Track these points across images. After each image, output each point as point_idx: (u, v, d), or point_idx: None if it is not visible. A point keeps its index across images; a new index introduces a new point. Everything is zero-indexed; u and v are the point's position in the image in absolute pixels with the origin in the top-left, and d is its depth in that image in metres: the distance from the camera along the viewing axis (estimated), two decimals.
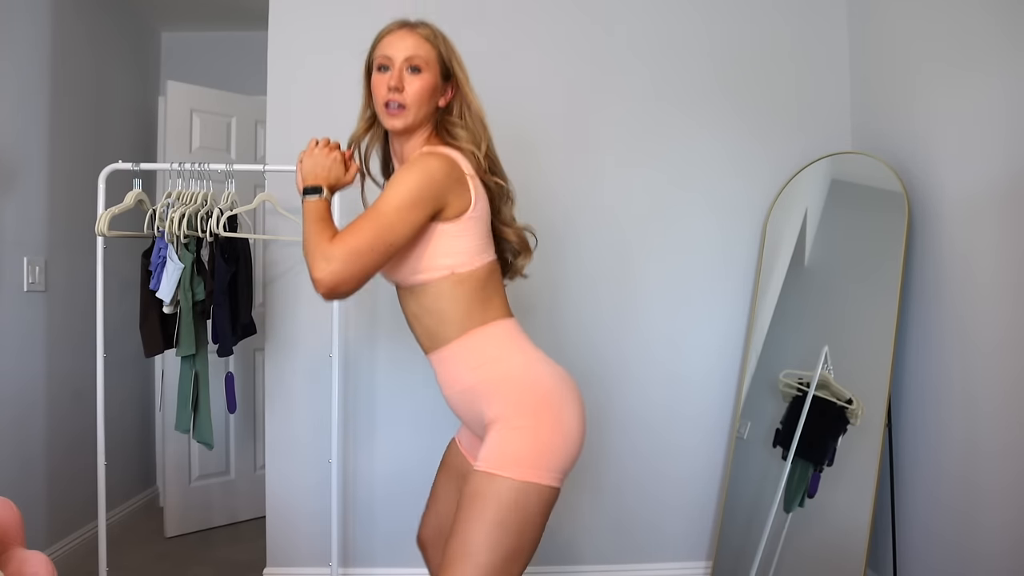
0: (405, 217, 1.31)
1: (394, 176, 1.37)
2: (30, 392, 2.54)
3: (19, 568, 1.49)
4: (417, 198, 1.32)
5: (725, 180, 2.60)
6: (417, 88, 1.42)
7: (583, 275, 2.57)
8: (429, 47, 1.44)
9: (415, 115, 1.43)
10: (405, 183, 1.32)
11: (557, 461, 1.33)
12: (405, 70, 1.42)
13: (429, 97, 1.44)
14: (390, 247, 1.30)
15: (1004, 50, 1.87)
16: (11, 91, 2.44)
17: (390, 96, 1.42)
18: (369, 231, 1.28)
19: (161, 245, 2.16)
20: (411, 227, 1.32)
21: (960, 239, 2.03)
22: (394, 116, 1.43)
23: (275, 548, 2.51)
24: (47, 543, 2.57)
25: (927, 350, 2.15)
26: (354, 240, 1.27)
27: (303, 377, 2.52)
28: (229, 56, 3.60)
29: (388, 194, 1.32)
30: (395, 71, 1.42)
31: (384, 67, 1.44)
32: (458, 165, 1.39)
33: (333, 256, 1.26)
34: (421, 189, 1.32)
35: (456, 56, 1.48)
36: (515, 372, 1.39)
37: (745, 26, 2.64)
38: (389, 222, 1.30)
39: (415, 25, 1.47)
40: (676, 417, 2.59)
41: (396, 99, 1.42)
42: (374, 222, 1.29)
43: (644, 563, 2.58)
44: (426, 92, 1.43)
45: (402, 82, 1.41)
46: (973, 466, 1.95)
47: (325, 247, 1.28)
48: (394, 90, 1.41)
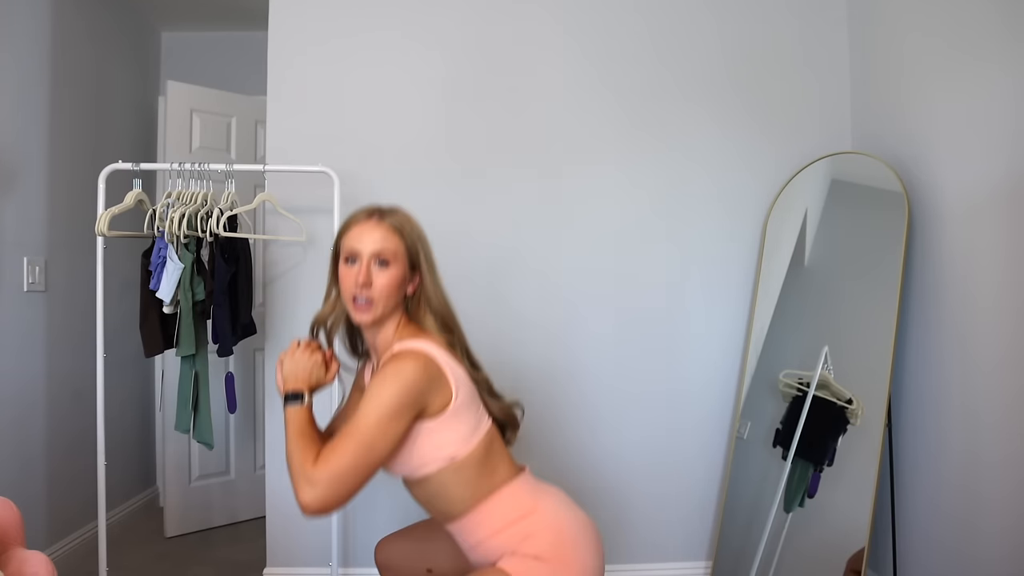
0: (386, 431, 1.31)
1: (371, 386, 1.35)
2: (30, 392, 2.54)
3: (19, 568, 1.49)
4: (396, 410, 1.32)
5: (725, 180, 2.60)
6: (384, 282, 1.42)
7: (583, 275, 2.57)
8: (397, 240, 1.44)
9: (383, 308, 1.43)
10: (383, 397, 1.32)
11: None
12: (373, 264, 1.42)
13: (397, 289, 1.45)
14: (373, 464, 1.31)
15: (1004, 50, 1.87)
16: (11, 90, 2.44)
17: (357, 291, 1.42)
18: (351, 453, 1.28)
19: (161, 245, 2.16)
20: (393, 439, 1.33)
21: (960, 239, 2.03)
22: (362, 311, 1.43)
23: (275, 548, 2.51)
24: (47, 543, 2.57)
25: (927, 350, 2.15)
26: (337, 463, 1.27)
27: None
28: (229, 56, 3.60)
29: (367, 409, 1.31)
30: (363, 265, 1.42)
31: (352, 259, 1.44)
32: (433, 360, 1.38)
33: (317, 480, 1.26)
34: (400, 400, 1.32)
35: (423, 244, 1.48)
36: (536, 527, 1.41)
37: (745, 27, 2.64)
38: (370, 440, 1.29)
39: (384, 215, 1.47)
40: (676, 417, 2.58)
41: (364, 294, 1.41)
42: (356, 442, 1.29)
43: (644, 563, 2.58)
44: (394, 285, 1.43)
45: (369, 277, 1.41)
46: (973, 466, 1.95)
47: (309, 470, 1.28)
48: (362, 286, 1.41)
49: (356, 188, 2.49)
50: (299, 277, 2.54)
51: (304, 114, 2.53)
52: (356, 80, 2.57)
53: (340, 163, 2.41)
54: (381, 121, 2.55)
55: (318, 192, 2.44)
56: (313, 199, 2.47)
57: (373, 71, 2.57)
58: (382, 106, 2.55)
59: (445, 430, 1.39)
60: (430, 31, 2.58)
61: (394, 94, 2.56)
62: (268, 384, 2.54)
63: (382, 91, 2.56)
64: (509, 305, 2.54)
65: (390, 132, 2.55)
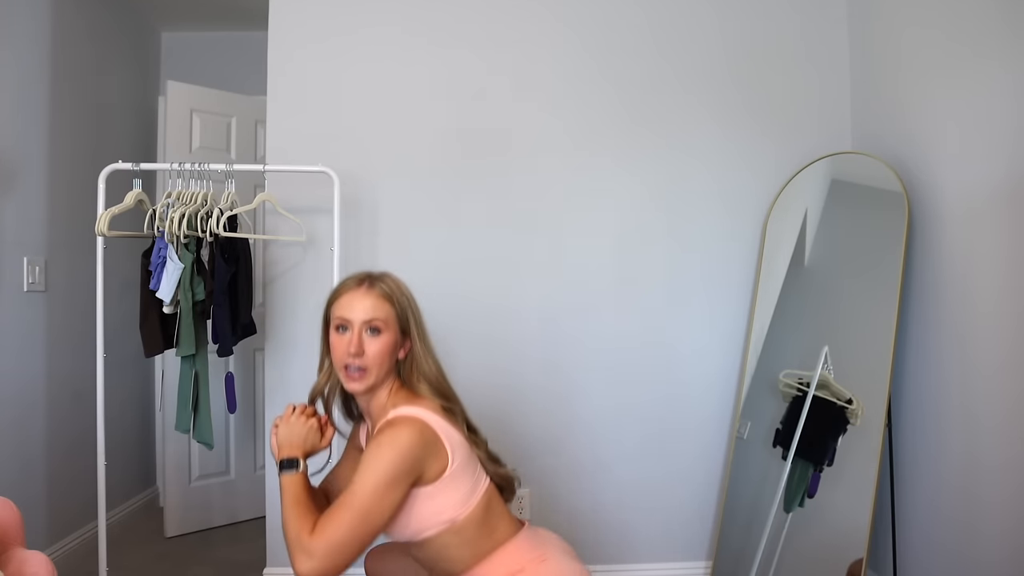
0: (382, 500, 1.32)
1: (366, 454, 1.35)
2: (30, 392, 2.54)
3: (19, 568, 1.49)
4: (392, 479, 1.32)
5: (725, 180, 2.60)
6: (376, 350, 1.43)
7: (583, 274, 2.57)
8: (388, 307, 1.45)
9: (376, 376, 1.44)
10: (379, 466, 1.32)
11: None
12: (364, 332, 1.43)
13: (389, 356, 1.45)
14: (370, 533, 1.32)
15: (1004, 50, 1.87)
16: (11, 90, 2.44)
17: (350, 360, 1.42)
18: (348, 523, 1.29)
19: (161, 245, 2.16)
20: (390, 508, 1.33)
21: (960, 239, 2.03)
22: (354, 380, 1.44)
23: (275, 548, 2.51)
24: (47, 543, 2.57)
25: (927, 350, 2.15)
26: (334, 534, 1.28)
27: (303, 377, 2.51)
28: (229, 56, 3.60)
29: (363, 479, 1.31)
30: (354, 334, 1.42)
31: (343, 328, 1.45)
32: (429, 427, 1.39)
33: (314, 552, 1.27)
34: (396, 468, 1.32)
35: (413, 310, 1.49)
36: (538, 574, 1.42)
37: (744, 26, 2.64)
38: (366, 509, 1.30)
39: (374, 282, 1.47)
40: (676, 416, 2.58)
41: (356, 363, 1.42)
42: (352, 513, 1.29)
43: (644, 563, 2.58)
44: (386, 352, 1.44)
45: (361, 346, 1.42)
46: (973, 466, 1.95)
47: (306, 541, 1.28)
48: (355, 355, 1.41)
49: (356, 188, 2.49)
50: (299, 277, 2.54)
51: (304, 114, 2.53)
52: (356, 80, 2.57)
53: (340, 163, 2.41)
54: (381, 121, 2.55)
55: (318, 192, 2.44)
56: (313, 199, 2.47)
57: (373, 71, 2.57)
58: (382, 106, 2.56)
59: (442, 495, 1.40)
60: (430, 31, 2.58)
61: (394, 94, 2.56)
62: (268, 384, 2.54)
63: (382, 91, 2.56)
64: (509, 304, 2.54)
65: (390, 132, 2.55)
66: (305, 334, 2.53)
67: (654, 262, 2.59)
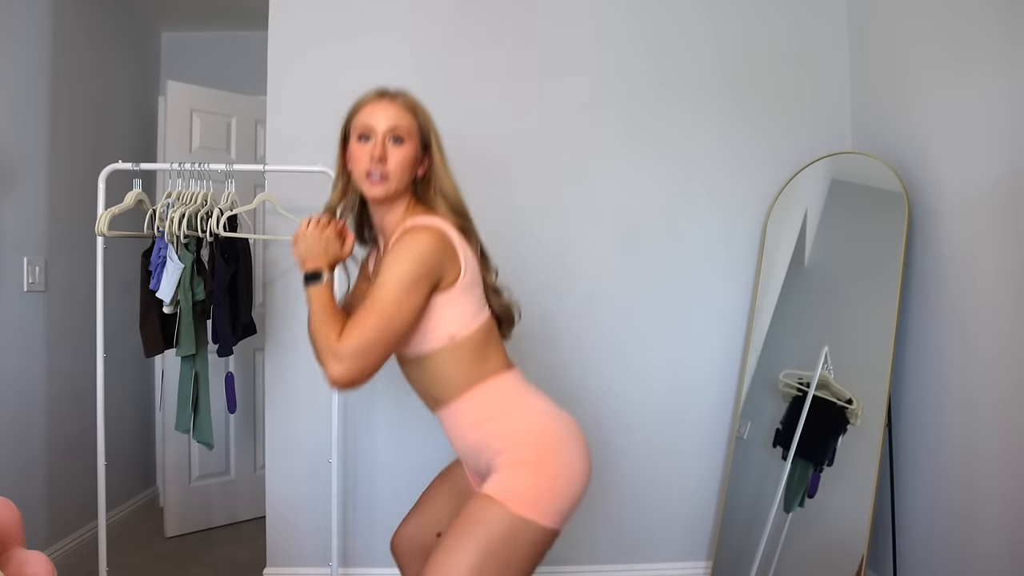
0: (406, 303, 1.33)
1: (387, 260, 1.36)
2: (30, 392, 2.54)
3: (19, 568, 1.49)
4: (414, 281, 1.33)
5: (725, 180, 2.60)
6: (399, 159, 1.43)
7: (583, 274, 2.57)
8: (410, 118, 1.45)
9: (396, 185, 1.44)
10: (400, 268, 1.33)
11: (558, 504, 1.35)
12: (388, 140, 1.43)
13: (411, 167, 1.45)
14: (397, 336, 1.34)
15: (1004, 50, 1.87)
16: (11, 90, 2.44)
17: (372, 167, 1.42)
18: (374, 325, 1.30)
19: (161, 245, 2.16)
20: (414, 311, 1.35)
21: (960, 239, 2.03)
22: (375, 185, 1.43)
23: (275, 548, 2.51)
24: (47, 543, 2.57)
25: (927, 350, 2.15)
26: (361, 337, 1.30)
27: (303, 377, 2.52)
28: (229, 56, 3.60)
29: (385, 281, 1.33)
30: (377, 141, 1.42)
31: (365, 137, 1.44)
32: (446, 235, 1.40)
33: (344, 355, 1.29)
34: (416, 271, 1.33)
35: (433, 126, 1.49)
36: (520, 424, 1.41)
37: (745, 26, 2.64)
38: (391, 312, 1.31)
39: (394, 95, 1.48)
40: (676, 417, 2.58)
41: (379, 169, 1.42)
42: (377, 315, 1.31)
43: (644, 563, 2.58)
44: (408, 162, 1.44)
45: (385, 152, 1.42)
46: (973, 466, 1.95)
47: (334, 346, 1.30)
48: (378, 161, 1.41)
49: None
50: (299, 277, 2.52)
51: (304, 114, 2.53)
52: (356, 80, 2.54)
53: None
54: None
55: (318, 192, 2.43)
56: (313, 199, 2.45)
57: (373, 71, 2.57)
58: None
59: (450, 307, 1.40)
60: (430, 32, 2.58)
61: None
62: (268, 384, 2.54)
63: None
64: None
65: None
66: (305, 334, 2.52)
67: (654, 262, 2.59)
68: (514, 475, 1.35)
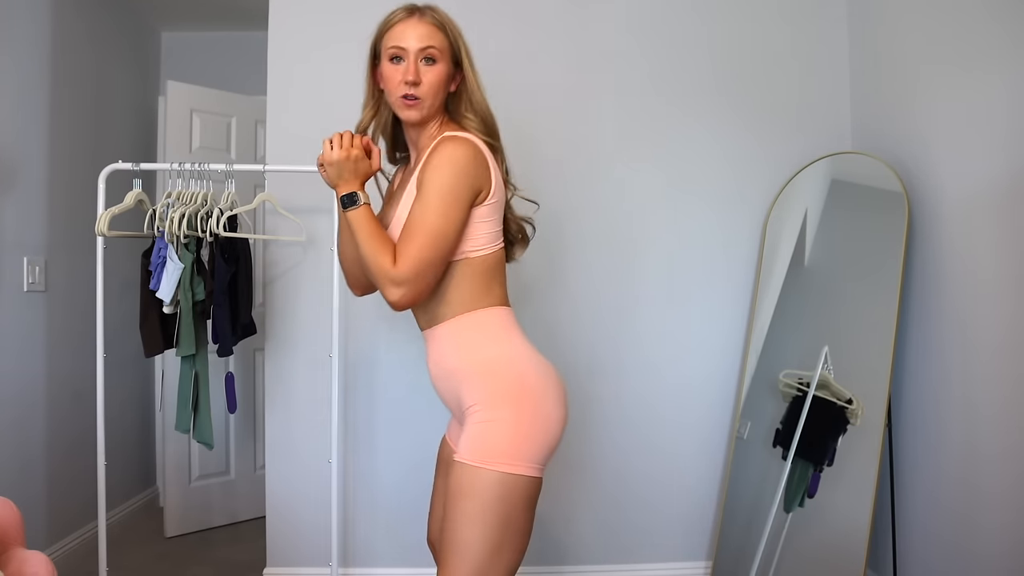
0: (452, 217, 1.33)
1: (425, 174, 1.35)
2: (30, 392, 2.54)
3: (19, 568, 1.49)
4: (455, 194, 1.33)
5: (725, 180, 2.60)
6: (432, 79, 1.41)
7: (583, 274, 2.57)
8: (442, 36, 1.43)
9: (431, 106, 1.43)
10: (441, 181, 1.33)
11: (536, 452, 1.34)
12: (420, 61, 1.41)
13: (444, 87, 1.44)
14: (448, 252, 1.34)
15: (1004, 50, 1.87)
16: (11, 90, 2.44)
17: (406, 89, 1.41)
18: (426, 245, 1.31)
19: (161, 245, 2.16)
20: (460, 223, 1.35)
21: (960, 239, 2.03)
22: (411, 107, 1.42)
23: (275, 548, 2.51)
24: (47, 543, 2.57)
25: (927, 350, 2.15)
26: (418, 259, 1.31)
27: (303, 377, 2.52)
28: (229, 56, 3.60)
29: (429, 198, 1.33)
30: (410, 63, 1.40)
31: (397, 58, 1.42)
32: (480, 149, 1.39)
33: (401, 279, 1.31)
34: (458, 183, 1.33)
35: (463, 42, 1.47)
36: (497, 361, 1.40)
37: (745, 25, 2.64)
38: (440, 229, 1.32)
39: (424, 12, 1.45)
40: (676, 417, 2.58)
41: (413, 92, 1.41)
42: (426, 235, 1.31)
43: (644, 563, 2.58)
44: (441, 83, 1.43)
45: (419, 74, 1.40)
46: (973, 467, 1.95)
47: (390, 271, 1.32)
48: (411, 83, 1.40)
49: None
50: (299, 277, 2.54)
51: (304, 114, 2.53)
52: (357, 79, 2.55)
53: None
54: None
55: (318, 192, 2.43)
56: (313, 199, 2.46)
57: None
58: None
59: (474, 224, 1.39)
60: None
61: None
62: (268, 384, 2.54)
63: None
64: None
65: None
66: (305, 334, 2.53)
67: (654, 261, 2.59)
68: (488, 431, 1.33)
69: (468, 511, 1.30)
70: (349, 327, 2.52)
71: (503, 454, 1.31)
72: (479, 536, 1.29)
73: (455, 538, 1.30)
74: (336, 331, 2.32)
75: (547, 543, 2.54)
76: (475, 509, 1.30)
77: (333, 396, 2.33)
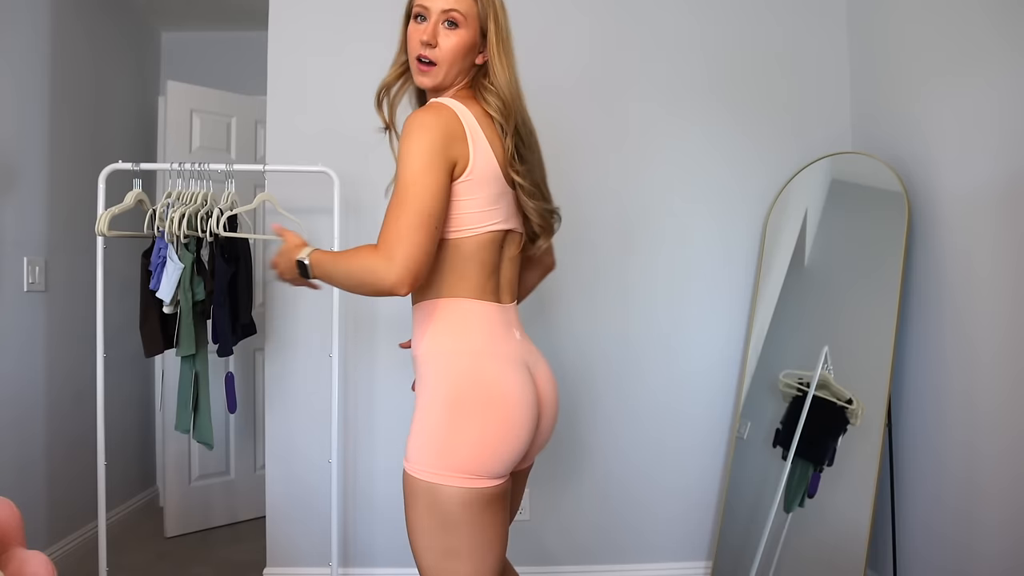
0: (423, 181, 1.22)
1: (400, 147, 1.27)
2: (30, 392, 2.54)
3: (19, 568, 1.49)
4: (424, 160, 1.22)
5: (725, 180, 2.60)
6: (451, 45, 1.33)
7: (583, 274, 2.57)
8: (470, 2, 1.33)
9: (445, 73, 1.35)
10: (407, 154, 1.24)
11: (469, 463, 1.24)
12: (441, 23, 1.32)
13: (463, 55, 1.34)
14: (429, 216, 1.21)
15: (1004, 50, 1.87)
16: (11, 91, 2.44)
17: (421, 51, 1.33)
18: (400, 215, 1.20)
19: (161, 245, 2.16)
20: (436, 186, 1.23)
21: (960, 239, 2.03)
22: (423, 73, 1.35)
23: (275, 548, 2.51)
24: (47, 543, 2.57)
25: (927, 350, 2.15)
26: (394, 227, 1.20)
27: (303, 377, 2.52)
28: (229, 56, 3.60)
29: (400, 169, 1.24)
30: (430, 23, 1.32)
31: (421, 16, 1.34)
32: (454, 115, 1.29)
33: (390, 256, 1.19)
34: (423, 149, 1.23)
35: (495, 13, 1.35)
36: (442, 357, 1.31)
37: (744, 25, 2.64)
38: (412, 193, 1.21)
39: None
40: (676, 417, 2.58)
41: (427, 54, 1.33)
42: (399, 203, 1.21)
43: (644, 563, 2.58)
44: (460, 50, 1.33)
45: (436, 36, 1.32)
46: (973, 466, 1.95)
47: (373, 257, 1.21)
48: (426, 44, 1.32)
49: (356, 188, 2.49)
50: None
51: (304, 114, 2.53)
52: (356, 79, 2.57)
53: (340, 163, 2.41)
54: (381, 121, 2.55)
55: (318, 192, 2.44)
56: (313, 199, 2.47)
57: (373, 70, 2.56)
58: None
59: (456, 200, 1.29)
60: None
61: None
62: (268, 384, 2.54)
63: None
64: None
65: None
66: (305, 334, 2.53)
67: (654, 262, 2.59)
68: (420, 434, 1.28)
69: (409, 519, 1.27)
70: (349, 327, 2.52)
71: (428, 463, 1.25)
72: (425, 545, 1.26)
73: (410, 544, 1.29)
74: (336, 331, 2.32)
75: (546, 543, 2.55)
76: (413, 517, 1.27)
77: (333, 396, 2.33)
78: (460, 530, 1.24)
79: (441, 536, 1.25)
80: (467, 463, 1.24)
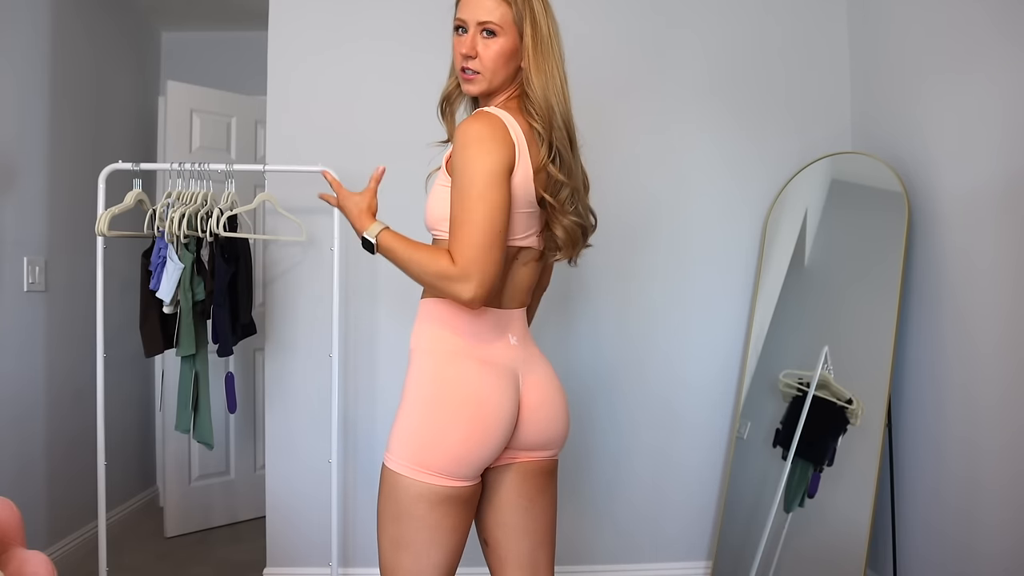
0: (492, 199, 1.24)
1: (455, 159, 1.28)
2: (30, 392, 2.54)
3: (19, 568, 1.49)
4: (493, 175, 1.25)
5: (725, 180, 2.60)
6: (491, 54, 1.35)
7: (583, 274, 2.57)
8: (504, 8, 1.34)
9: (490, 81, 1.37)
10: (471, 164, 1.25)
11: (431, 459, 1.28)
12: (479, 34, 1.35)
13: (506, 61, 1.37)
14: (499, 228, 1.24)
15: (1004, 50, 1.87)
16: (11, 91, 2.44)
17: (463, 63, 1.37)
18: (472, 232, 1.23)
19: (161, 245, 2.16)
20: (504, 205, 1.26)
21: (960, 239, 2.03)
22: (469, 82, 1.38)
23: (275, 548, 2.51)
24: (47, 543, 2.57)
25: (927, 350, 2.15)
26: (468, 245, 1.22)
27: (303, 377, 2.52)
28: (229, 56, 3.60)
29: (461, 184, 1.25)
30: (469, 35, 1.36)
31: (461, 28, 1.38)
32: (501, 123, 1.30)
33: (463, 273, 1.22)
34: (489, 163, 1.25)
35: (531, 18, 1.36)
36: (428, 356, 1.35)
37: (744, 25, 2.64)
38: (482, 213, 1.23)
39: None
40: (676, 417, 2.59)
41: (469, 66, 1.36)
42: (471, 222, 1.23)
43: (644, 563, 2.58)
44: (500, 57, 1.36)
45: (475, 48, 1.35)
46: (973, 466, 1.95)
47: (450, 270, 1.23)
48: (466, 56, 1.36)
49: (356, 188, 2.47)
50: (299, 277, 2.54)
51: (304, 114, 2.53)
52: (356, 79, 2.57)
53: (340, 163, 2.41)
54: (382, 120, 2.55)
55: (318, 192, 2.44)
56: (313, 199, 2.46)
57: (373, 70, 2.57)
58: (382, 105, 2.55)
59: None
60: (429, 32, 2.58)
61: (394, 93, 2.56)
62: (268, 384, 2.54)
63: (382, 90, 2.56)
64: None
65: (391, 131, 2.54)
66: (305, 334, 2.53)
67: (654, 262, 2.59)
68: (398, 423, 1.33)
69: (377, 500, 1.34)
70: (349, 327, 2.52)
71: (394, 451, 1.31)
72: (380, 531, 1.33)
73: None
74: (336, 331, 2.33)
75: None
76: (378, 504, 1.34)
77: (333, 396, 2.33)
78: (410, 523, 1.30)
79: (394, 525, 1.31)
80: (427, 458, 1.29)
